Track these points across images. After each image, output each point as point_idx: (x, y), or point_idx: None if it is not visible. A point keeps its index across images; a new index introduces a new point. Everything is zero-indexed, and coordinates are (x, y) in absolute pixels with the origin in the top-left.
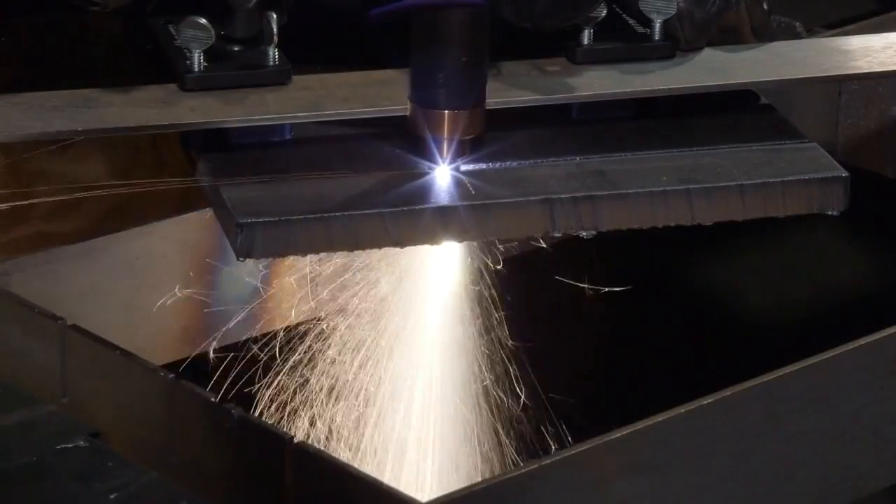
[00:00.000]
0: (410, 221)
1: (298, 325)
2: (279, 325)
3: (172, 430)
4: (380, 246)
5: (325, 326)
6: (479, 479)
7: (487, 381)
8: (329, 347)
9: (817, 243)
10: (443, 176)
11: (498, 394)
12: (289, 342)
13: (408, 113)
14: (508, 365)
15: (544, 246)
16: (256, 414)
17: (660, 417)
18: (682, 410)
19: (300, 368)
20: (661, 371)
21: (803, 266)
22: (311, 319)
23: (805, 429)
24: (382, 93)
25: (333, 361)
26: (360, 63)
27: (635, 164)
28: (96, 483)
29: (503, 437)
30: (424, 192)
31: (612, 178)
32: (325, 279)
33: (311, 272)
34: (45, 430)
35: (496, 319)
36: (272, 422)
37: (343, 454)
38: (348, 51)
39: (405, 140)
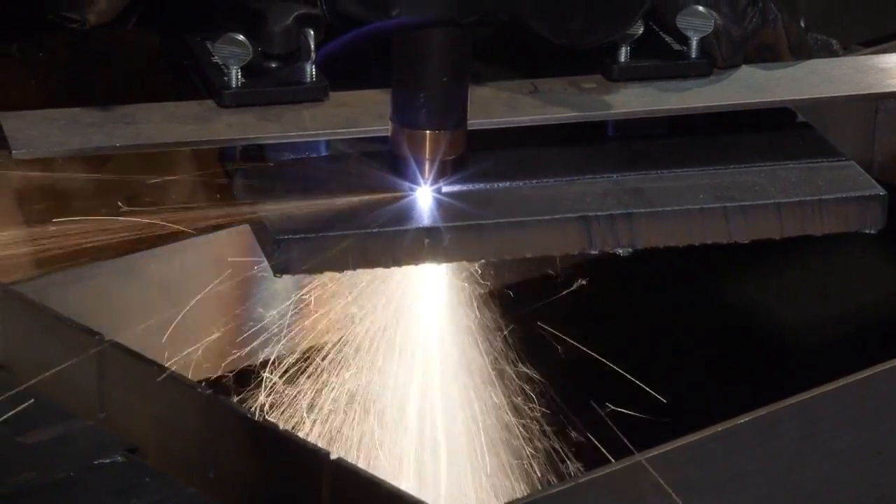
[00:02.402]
0: (448, 238)
1: (336, 341)
2: (316, 341)
3: (209, 445)
4: (417, 262)
5: (361, 344)
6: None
7: (509, 398)
8: (363, 367)
9: (854, 260)
10: (479, 193)
11: (527, 408)
12: (323, 357)
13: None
14: (538, 378)
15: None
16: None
17: (696, 436)
18: (719, 429)
19: (336, 384)
20: (696, 389)
21: (840, 283)
22: (347, 335)
23: (842, 447)
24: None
25: (371, 381)
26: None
27: (672, 181)
28: (133, 498)
29: (534, 450)
30: (460, 209)
31: (648, 195)
32: (364, 294)
33: (349, 286)
34: (83, 446)
35: (521, 336)
36: (314, 439)
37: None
38: (385, 67)
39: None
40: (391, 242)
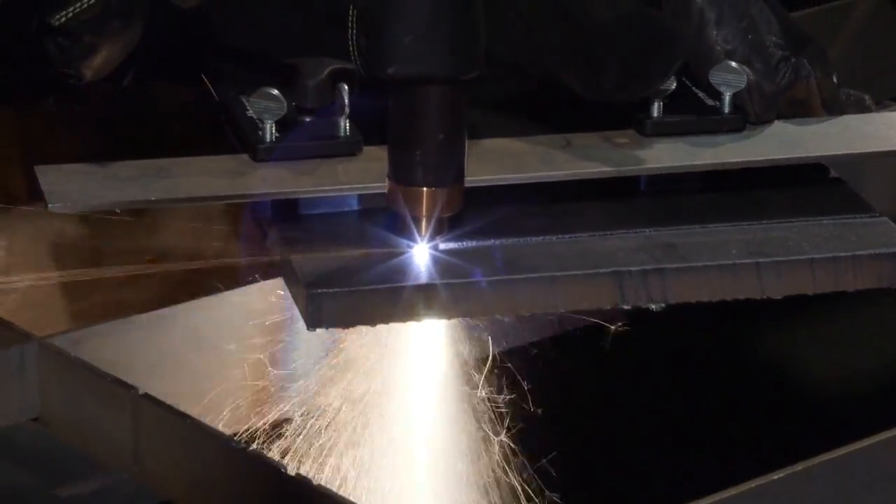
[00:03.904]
0: (480, 292)
1: (376, 392)
2: (349, 394)
3: (244, 499)
4: (450, 316)
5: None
6: None
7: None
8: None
9: (886, 316)
10: (512, 247)
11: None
12: (361, 409)
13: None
14: (555, 429)
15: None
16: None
17: (727, 493)
18: (753, 485)
19: (376, 435)
20: (728, 444)
21: (871, 339)
22: (387, 388)
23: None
24: None
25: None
26: None
27: (705, 236)
28: None
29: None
30: (493, 264)
31: (681, 250)
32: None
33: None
34: (118, 499)
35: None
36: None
37: None
38: None
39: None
40: (425, 296)
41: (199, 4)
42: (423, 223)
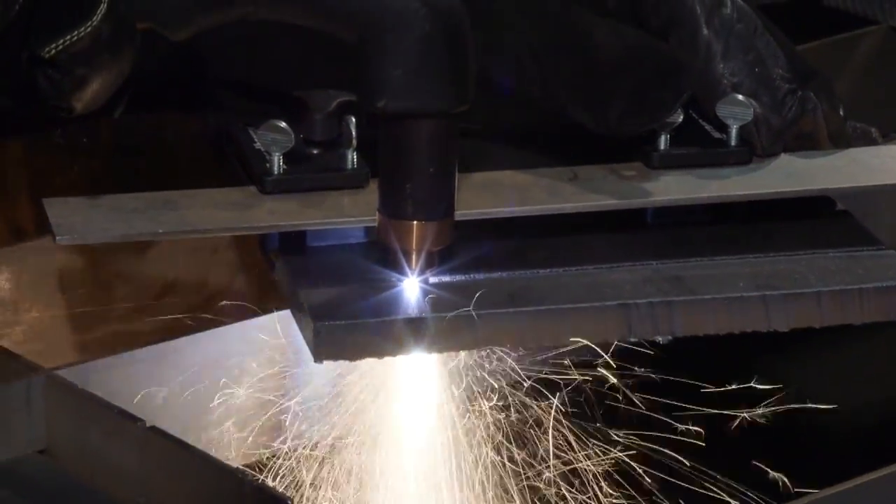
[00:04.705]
0: (487, 325)
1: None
2: (356, 426)
3: None
4: (456, 349)
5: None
6: None
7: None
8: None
9: (893, 348)
10: (519, 279)
11: None
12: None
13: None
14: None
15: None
16: None
17: None
18: None
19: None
20: (730, 476)
21: (878, 371)
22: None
23: None
24: (458, 197)
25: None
26: None
27: (712, 269)
28: None
29: None
30: (500, 297)
31: (688, 283)
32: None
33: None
34: None
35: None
36: None
37: None
38: None
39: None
40: (433, 328)
41: (189, 36)
42: (414, 256)
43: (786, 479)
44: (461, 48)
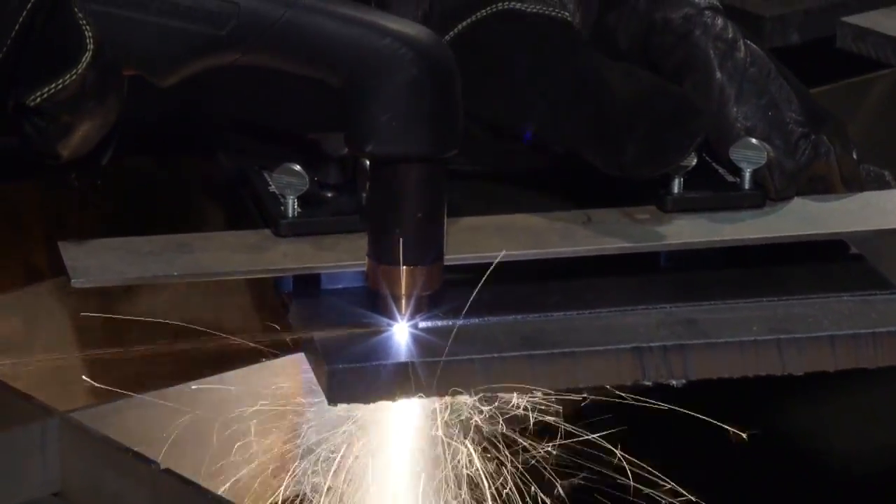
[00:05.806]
0: (502, 368)
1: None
2: (368, 468)
3: None
4: (472, 392)
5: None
6: None
7: None
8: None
9: None
10: (532, 323)
11: None
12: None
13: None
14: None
15: None
16: None
17: None
18: None
19: None
20: None
21: (892, 414)
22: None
23: None
24: (471, 240)
25: None
26: (450, 209)
27: (725, 313)
28: None
29: None
30: (514, 340)
31: (702, 326)
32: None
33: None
34: None
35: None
36: None
37: None
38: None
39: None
40: (447, 372)
41: (176, 83)
42: (403, 301)
43: None
44: (449, 92)
